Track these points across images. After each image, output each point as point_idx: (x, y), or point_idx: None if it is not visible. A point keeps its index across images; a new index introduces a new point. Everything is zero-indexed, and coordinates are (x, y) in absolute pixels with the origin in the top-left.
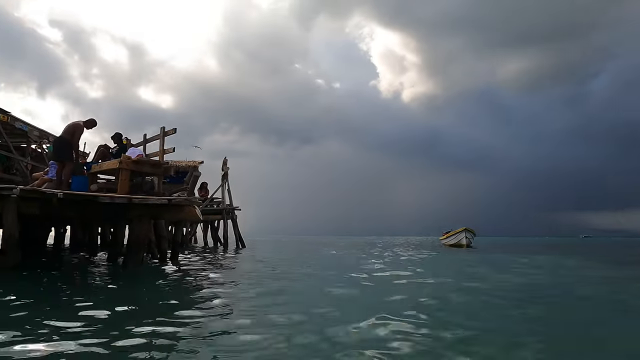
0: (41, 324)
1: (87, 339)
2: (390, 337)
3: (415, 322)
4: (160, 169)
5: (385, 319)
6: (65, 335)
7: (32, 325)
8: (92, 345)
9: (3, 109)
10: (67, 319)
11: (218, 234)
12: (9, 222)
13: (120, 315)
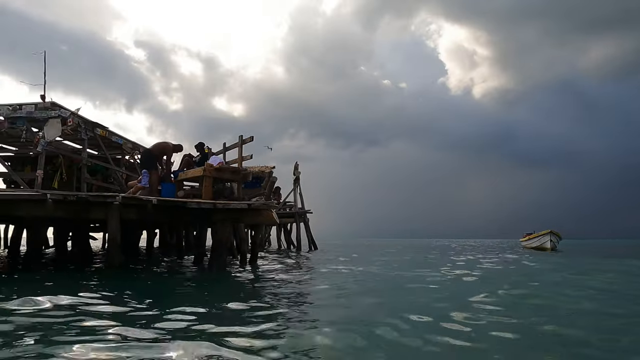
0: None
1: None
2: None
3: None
4: (240, 176)
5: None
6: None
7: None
8: (200, 329)
9: (102, 124)
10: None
11: (291, 237)
12: (112, 226)
13: (218, 305)
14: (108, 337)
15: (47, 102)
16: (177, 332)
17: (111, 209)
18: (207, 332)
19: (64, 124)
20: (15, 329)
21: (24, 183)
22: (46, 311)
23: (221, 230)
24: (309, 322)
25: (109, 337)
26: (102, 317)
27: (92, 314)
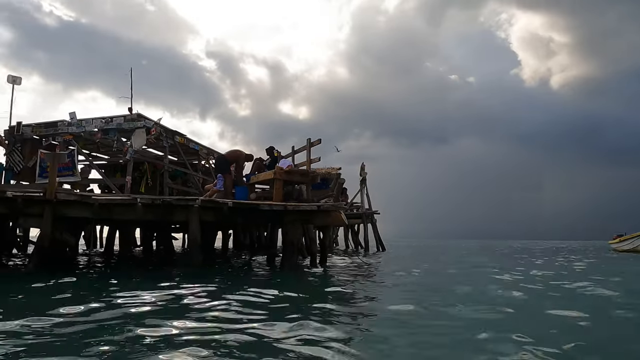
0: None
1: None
2: None
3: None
4: (309, 178)
5: None
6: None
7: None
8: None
9: (181, 132)
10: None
11: (359, 238)
12: (193, 228)
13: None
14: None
15: (134, 113)
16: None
17: (192, 212)
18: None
19: (148, 133)
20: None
21: (116, 188)
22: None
23: (292, 231)
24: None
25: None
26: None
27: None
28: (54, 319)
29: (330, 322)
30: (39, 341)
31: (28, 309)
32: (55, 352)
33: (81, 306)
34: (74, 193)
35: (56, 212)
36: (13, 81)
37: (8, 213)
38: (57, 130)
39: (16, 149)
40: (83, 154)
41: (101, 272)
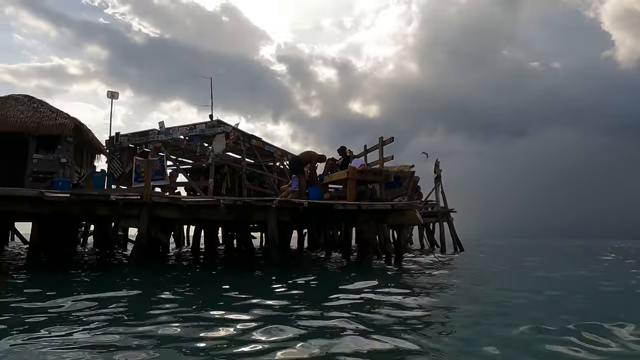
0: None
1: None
2: None
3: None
4: (382, 177)
5: None
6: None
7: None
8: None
9: (256, 136)
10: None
11: (434, 237)
12: (271, 227)
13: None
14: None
15: (214, 120)
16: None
17: (270, 212)
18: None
19: (227, 138)
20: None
21: (200, 190)
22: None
23: (366, 231)
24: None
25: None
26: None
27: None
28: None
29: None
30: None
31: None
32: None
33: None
34: (166, 196)
35: (151, 213)
36: (112, 96)
37: (111, 215)
38: (148, 139)
39: (116, 157)
40: (171, 159)
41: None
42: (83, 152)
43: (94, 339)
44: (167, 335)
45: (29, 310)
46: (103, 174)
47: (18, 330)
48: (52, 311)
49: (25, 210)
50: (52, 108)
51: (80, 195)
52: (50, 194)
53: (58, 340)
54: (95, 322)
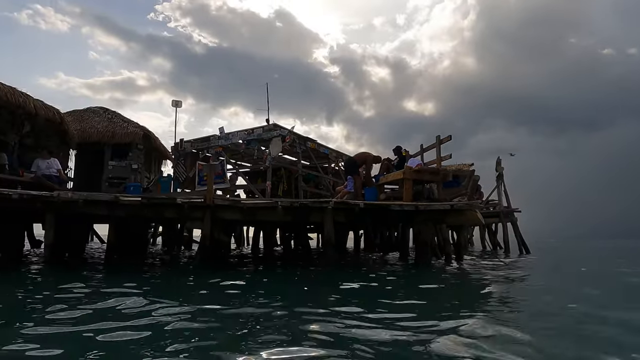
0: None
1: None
2: None
3: None
4: (440, 176)
5: None
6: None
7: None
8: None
9: (311, 138)
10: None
11: (497, 238)
12: (327, 228)
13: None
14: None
15: (271, 124)
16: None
17: (326, 213)
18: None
19: (284, 141)
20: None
21: (258, 192)
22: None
23: (424, 232)
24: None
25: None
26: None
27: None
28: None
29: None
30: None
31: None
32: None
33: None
34: (227, 198)
35: (214, 215)
36: (176, 105)
37: (177, 217)
38: (209, 144)
39: (180, 162)
40: (230, 163)
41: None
42: (152, 158)
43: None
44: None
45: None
46: (169, 179)
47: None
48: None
49: (102, 213)
50: (124, 118)
51: (151, 198)
52: (125, 198)
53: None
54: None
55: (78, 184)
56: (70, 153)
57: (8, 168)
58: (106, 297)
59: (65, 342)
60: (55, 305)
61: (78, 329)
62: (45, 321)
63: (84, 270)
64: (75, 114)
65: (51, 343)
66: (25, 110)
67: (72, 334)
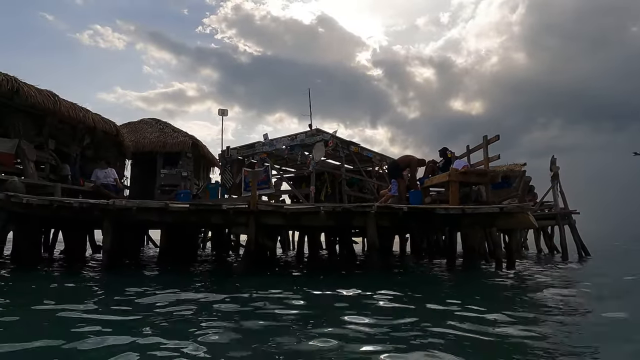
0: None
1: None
2: None
3: None
4: (487, 177)
5: None
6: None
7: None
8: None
9: (354, 142)
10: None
11: (553, 242)
12: (371, 232)
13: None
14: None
15: (313, 129)
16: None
17: (369, 217)
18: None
19: (326, 145)
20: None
21: (302, 197)
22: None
23: (471, 236)
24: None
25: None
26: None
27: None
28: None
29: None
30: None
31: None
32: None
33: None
34: (271, 204)
35: (258, 221)
36: (222, 113)
37: (223, 222)
38: (254, 151)
39: (227, 169)
40: (275, 168)
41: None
42: (200, 166)
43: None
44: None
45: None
46: (217, 185)
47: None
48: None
49: (154, 219)
50: (174, 128)
51: (197, 205)
52: (173, 205)
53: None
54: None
55: (134, 192)
56: (126, 163)
57: (70, 178)
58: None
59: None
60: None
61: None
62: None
63: (141, 273)
64: (130, 125)
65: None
66: (85, 124)
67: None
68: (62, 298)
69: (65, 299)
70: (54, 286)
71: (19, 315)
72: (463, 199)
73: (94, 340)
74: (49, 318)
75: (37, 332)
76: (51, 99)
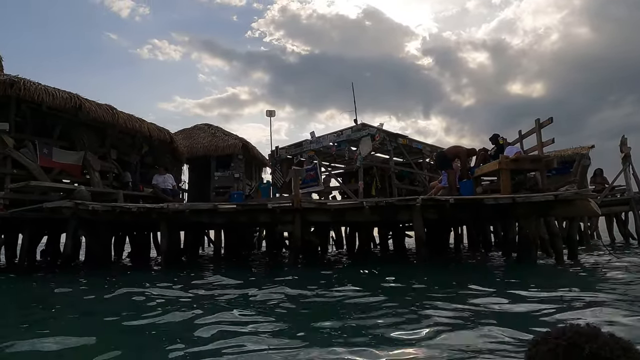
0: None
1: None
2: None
3: None
4: (542, 163)
5: None
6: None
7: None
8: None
9: (402, 134)
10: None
11: (628, 228)
12: (417, 226)
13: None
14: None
15: (359, 124)
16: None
17: (415, 211)
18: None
19: (373, 139)
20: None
21: (352, 193)
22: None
23: (526, 226)
24: None
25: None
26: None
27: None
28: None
29: None
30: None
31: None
32: None
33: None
34: (314, 201)
35: (303, 218)
36: (270, 114)
37: (271, 221)
38: (302, 149)
39: (277, 169)
40: (323, 165)
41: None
42: (252, 167)
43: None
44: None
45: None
46: (268, 185)
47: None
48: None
49: (205, 220)
50: (225, 132)
51: (245, 205)
52: (222, 206)
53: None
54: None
55: (191, 196)
56: (183, 168)
57: (131, 185)
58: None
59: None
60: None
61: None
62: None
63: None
64: (184, 132)
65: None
66: (142, 133)
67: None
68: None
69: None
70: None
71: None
72: (517, 187)
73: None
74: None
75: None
76: (110, 112)
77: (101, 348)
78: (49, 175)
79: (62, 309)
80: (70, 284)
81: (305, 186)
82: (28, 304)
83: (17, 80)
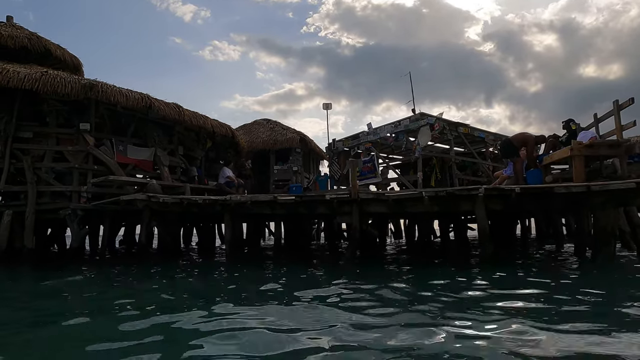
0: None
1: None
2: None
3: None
4: (621, 149)
5: None
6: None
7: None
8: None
9: (463, 123)
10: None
11: None
12: (480, 217)
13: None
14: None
15: (417, 113)
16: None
17: (477, 201)
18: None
19: (432, 129)
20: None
21: (410, 184)
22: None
23: (602, 218)
24: None
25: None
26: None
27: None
28: None
29: None
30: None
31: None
32: None
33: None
34: (372, 192)
35: (361, 209)
36: (326, 107)
37: (329, 212)
38: (359, 141)
39: (334, 161)
40: (381, 157)
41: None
42: (309, 160)
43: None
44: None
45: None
46: (326, 177)
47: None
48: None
49: (266, 212)
50: (283, 126)
51: (303, 196)
52: (281, 198)
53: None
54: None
55: (252, 189)
56: (245, 162)
57: (197, 179)
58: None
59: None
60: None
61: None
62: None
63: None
64: (245, 127)
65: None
66: (206, 129)
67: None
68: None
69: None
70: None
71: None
72: (592, 175)
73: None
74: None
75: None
76: (176, 110)
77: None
78: (124, 170)
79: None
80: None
81: (363, 178)
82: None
83: (96, 83)
